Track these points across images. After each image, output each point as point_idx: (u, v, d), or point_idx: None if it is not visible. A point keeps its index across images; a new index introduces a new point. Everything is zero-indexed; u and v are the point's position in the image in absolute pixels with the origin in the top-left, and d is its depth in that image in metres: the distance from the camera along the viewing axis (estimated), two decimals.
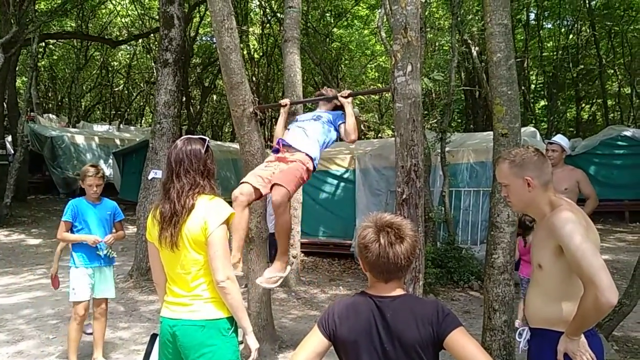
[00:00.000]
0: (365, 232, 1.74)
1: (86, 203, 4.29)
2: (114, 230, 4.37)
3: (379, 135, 24.60)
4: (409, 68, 3.39)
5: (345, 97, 3.85)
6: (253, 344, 2.35)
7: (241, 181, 3.53)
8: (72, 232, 4.22)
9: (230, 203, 2.40)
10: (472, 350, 1.62)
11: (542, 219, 2.15)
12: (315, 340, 1.77)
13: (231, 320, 2.34)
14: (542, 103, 20.16)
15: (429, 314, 1.70)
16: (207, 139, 2.51)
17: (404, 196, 3.41)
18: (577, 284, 1.96)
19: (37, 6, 14.83)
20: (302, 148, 3.62)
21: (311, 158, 3.61)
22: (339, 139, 4.08)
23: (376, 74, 23.18)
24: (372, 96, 23.77)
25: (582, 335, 1.98)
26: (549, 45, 18.67)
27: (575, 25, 17.61)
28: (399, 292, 1.77)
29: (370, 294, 1.78)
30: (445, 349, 1.68)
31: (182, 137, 2.51)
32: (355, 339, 1.72)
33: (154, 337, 2.56)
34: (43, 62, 22.34)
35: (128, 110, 28.23)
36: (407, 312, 1.71)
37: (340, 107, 3.94)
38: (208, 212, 2.29)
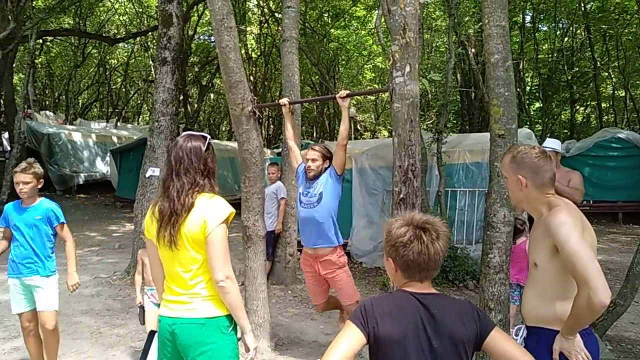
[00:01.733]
0: (401, 231, 1.73)
1: (16, 206, 3.81)
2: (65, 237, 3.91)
3: (375, 135, 24.70)
4: (407, 69, 3.43)
5: (343, 98, 3.88)
6: (251, 343, 2.34)
7: (314, 303, 4.41)
8: (14, 238, 3.75)
9: (229, 202, 2.40)
10: (514, 350, 1.67)
11: (539, 218, 2.19)
12: (353, 339, 1.65)
13: (230, 318, 2.33)
14: (537, 105, 20.26)
15: (470, 312, 1.72)
16: (209, 137, 2.47)
17: (401, 195, 3.45)
18: (572, 283, 1.99)
19: (34, 3, 14.81)
20: (326, 245, 4.01)
21: (339, 246, 4.05)
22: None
23: (373, 75, 23.26)
24: (369, 96, 23.88)
25: (578, 335, 2.01)
26: (544, 47, 18.78)
27: (571, 28, 17.72)
28: (435, 290, 1.78)
29: (411, 291, 1.75)
30: (483, 349, 1.71)
31: (182, 134, 2.46)
32: (402, 337, 1.65)
33: (152, 334, 2.56)
34: (40, 59, 22.29)
35: (125, 108, 28.18)
36: (452, 309, 1.71)
37: (330, 156, 4.12)
38: (208, 211, 2.26)
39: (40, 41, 18.79)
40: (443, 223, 1.77)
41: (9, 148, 13.84)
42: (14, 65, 16.02)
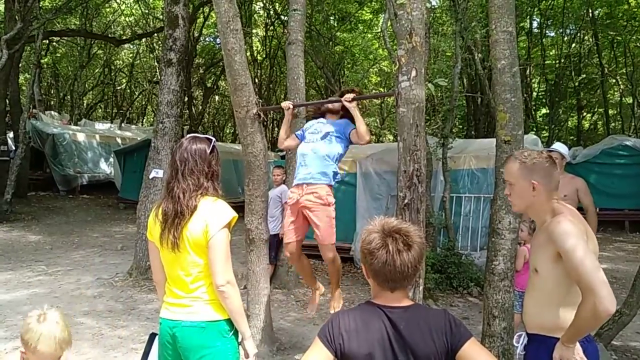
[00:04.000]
0: (372, 238, 1.66)
1: None
2: None
3: (380, 139, 24.65)
4: (413, 73, 3.40)
5: (350, 102, 3.84)
6: (251, 349, 2.33)
7: (284, 242, 4.09)
8: None
9: (231, 204, 2.38)
10: None
11: (542, 224, 2.16)
12: (321, 356, 1.65)
13: (231, 322, 2.32)
14: (544, 111, 20.19)
15: (441, 325, 1.66)
16: (214, 139, 2.47)
17: (406, 201, 3.42)
18: (574, 290, 1.98)
19: (41, 3, 14.85)
20: (319, 181, 3.77)
21: (331, 185, 3.84)
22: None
23: (378, 79, 23.23)
24: (374, 100, 23.85)
25: (577, 343, 1.98)
26: (551, 53, 18.72)
27: (578, 34, 17.66)
28: (407, 302, 1.71)
29: (378, 304, 1.70)
30: None
31: (187, 136, 2.46)
32: (368, 353, 1.62)
33: (152, 336, 2.54)
34: (46, 60, 22.36)
35: (130, 109, 28.26)
36: (420, 323, 1.65)
37: (346, 115, 3.93)
38: (210, 215, 2.26)
39: (47, 41, 18.87)
40: (418, 232, 1.69)
41: (13, 148, 13.86)
42: (20, 65, 16.07)
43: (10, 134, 14.67)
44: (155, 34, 19.68)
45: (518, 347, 2.25)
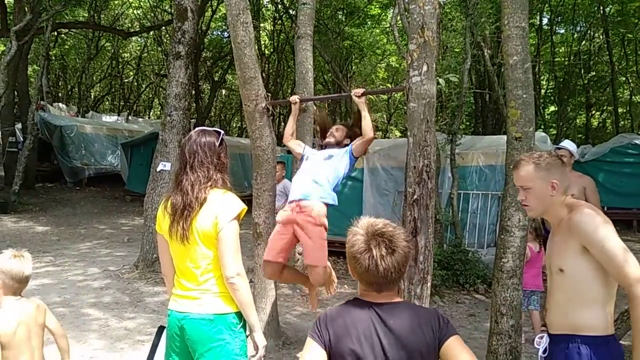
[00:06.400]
0: (355, 240, 1.64)
1: None
2: None
3: (387, 135, 24.60)
4: (425, 68, 3.37)
5: (359, 97, 3.82)
6: (260, 341, 2.32)
7: (264, 259, 3.71)
8: None
9: (240, 198, 2.37)
10: (466, 358, 1.60)
11: (558, 222, 2.13)
12: (316, 355, 1.64)
13: (240, 315, 2.32)
14: (552, 108, 20.05)
15: (430, 319, 1.66)
16: (222, 132, 2.47)
17: (415, 197, 3.39)
18: (601, 285, 1.97)
19: None
20: (315, 200, 3.57)
21: (326, 204, 3.61)
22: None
23: (386, 74, 23.16)
24: (382, 96, 23.76)
25: None
26: (561, 50, 18.58)
27: (589, 32, 17.50)
28: (395, 299, 1.71)
29: (366, 300, 1.69)
30: (440, 357, 1.65)
31: (196, 129, 2.47)
32: (354, 349, 1.61)
33: (161, 329, 2.55)
34: (54, 51, 22.42)
35: (137, 101, 28.33)
36: (410, 318, 1.65)
37: (353, 138, 3.87)
38: (220, 207, 2.26)
39: (55, 33, 18.91)
40: (403, 236, 1.66)
41: (21, 139, 13.93)
42: (28, 56, 16.12)
43: (19, 126, 14.74)
44: (163, 27, 19.68)
45: (540, 349, 2.20)
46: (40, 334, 2.62)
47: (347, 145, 3.89)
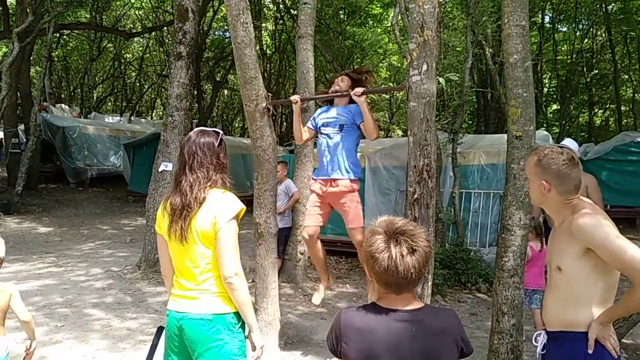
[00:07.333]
0: (374, 240, 1.58)
1: None
2: None
3: (389, 134, 24.57)
4: (425, 67, 3.36)
5: (359, 96, 3.82)
6: (258, 341, 2.32)
7: (304, 225, 4.21)
8: None
9: (240, 198, 2.38)
10: None
11: (561, 222, 2.14)
12: None
13: (238, 315, 2.31)
14: (554, 107, 19.99)
15: (454, 325, 1.63)
16: (221, 132, 2.47)
17: (416, 196, 3.39)
18: (599, 285, 1.99)
19: None
20: (344, 175, 3.93)
21: (354, 179, 3.96)
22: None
23: (388, 73, 23.13)
24: (384, 95, 23.75)
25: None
26: (563, 48, 18.52)
27: (591, 30, 17.44)
28: (415, 304, 1.64)
29: (385, 307, 1.61)
30: None
31: (195, 129, 2.47)
32: (370, 357, 1.55)
33: (160, 329, 2.55)
34: (57, 53, 22.49)
35: (139, 102, 28.38)
36: (433, 326, 1.59)
37: (356, 86, 4.00)
38: (218, 207, 2.26)
39: (57, 34, 18.97)
40: (424, 235, 1.60)
41: (24, 140, 13.98)
42: (31, 58, 16.17)
43: (21, 127, 14.80)
44: (165, 27, 19.72)
45: (538, 346, 2.21)
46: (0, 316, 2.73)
47: (351, 100, 4.01)
